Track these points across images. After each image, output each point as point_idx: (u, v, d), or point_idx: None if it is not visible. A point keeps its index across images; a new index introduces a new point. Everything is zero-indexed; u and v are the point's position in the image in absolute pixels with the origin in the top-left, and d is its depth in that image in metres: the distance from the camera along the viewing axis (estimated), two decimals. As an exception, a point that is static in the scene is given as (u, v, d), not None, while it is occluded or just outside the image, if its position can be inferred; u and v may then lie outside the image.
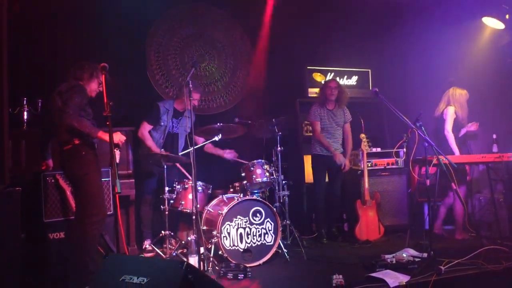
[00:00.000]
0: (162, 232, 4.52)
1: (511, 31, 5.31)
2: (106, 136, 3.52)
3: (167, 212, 4.49)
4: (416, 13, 5.81)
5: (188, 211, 4.52)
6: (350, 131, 5.36)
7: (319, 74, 6.14)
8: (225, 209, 4.21)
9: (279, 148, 4.89)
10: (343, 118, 5.33)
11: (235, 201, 4.27)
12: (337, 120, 5.28)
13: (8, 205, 2.79)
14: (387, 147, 5.92)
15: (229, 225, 4.25)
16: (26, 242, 3.92)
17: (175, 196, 4.59)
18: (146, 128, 4.83)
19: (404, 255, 4.12)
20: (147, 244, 4.86)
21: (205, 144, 4.99)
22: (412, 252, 4.31)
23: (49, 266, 3.97)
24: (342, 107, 5.32)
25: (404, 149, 5.61)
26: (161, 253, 4.57)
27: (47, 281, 3.92)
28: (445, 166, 4.11)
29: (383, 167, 5.58)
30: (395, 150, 5.55)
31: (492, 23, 5.31)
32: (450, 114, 4.95)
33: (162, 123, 4.86)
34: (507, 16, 5.10)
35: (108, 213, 3.84)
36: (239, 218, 4.29)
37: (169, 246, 4.58)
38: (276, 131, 4.90)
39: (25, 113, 4.68)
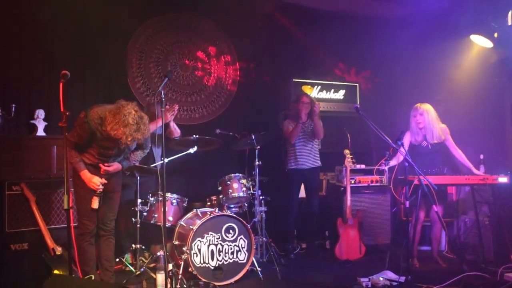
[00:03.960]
0: (133, 245, 4.37)
1: (499, 50, 5.19)
2: (85, 178, 3.49)
3: (138, 225, 4.35)
4: (404, 29, 5.71)
5: (161, 224, 4.37)
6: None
7: (309, 86, 6.02)
8: (196, 225, 4.05)
9: (257, 163, 4.74)
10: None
11: (207, 217, 4.12)
12: (309, 132, 5.21)
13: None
14: (373, 164, 5.75)
15: (200, 241, 4.09)
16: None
17: (147, 208, 4.43)
18: None
19: (381, 278, 3.98)
20: (126, 257, 4.68)
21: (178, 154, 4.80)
22: (391, 275, 4.16)
23: (10, 278, 3.82)
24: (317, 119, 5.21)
25: (386, 167, 5.44)
26: (131, 267, 4.41)
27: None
28: (426, 187, 3.98)
29: (366, 185, 5.43)
30: (376, 168, 5.33)
31: (481, 41, 5.19)
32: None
33: None
34: (495, 35, 4.98)
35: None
36: (210, 234, 4.13)
37: (143, 259, 4.44)
38: (255, 144, 4.75)
39: (-2, 118, 4.56)
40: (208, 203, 4.74)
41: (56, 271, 3.68)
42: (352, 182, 5.28)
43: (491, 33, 5.03)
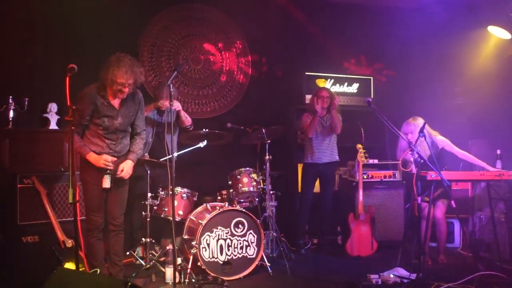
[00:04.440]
0: (143, 239, 4.39)
1: (517, 41, 5.05)
2: (93, 160, 3.49)
3: (148, 219, 4.36)
4: (420, 21, 5.58)
5: (170, 218, 4.37)
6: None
7: (323, 80, 5.93)
8: (205, 219, 4.04)
9: (267, 157, 4.69)
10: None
11: (216, 211, 4.11)
12: (328, 126, 5.13)
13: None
14: (387, 159, 5.68)
15: (209, 236, 4.08)
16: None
17: (158, 202, 4.44)
18: None
19: (392, 275, 3.91)
20: (137, 251, 4.69)
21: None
22: (402, 272, 4.08)
23: (22, 270, 3.86)
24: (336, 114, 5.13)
25: (412, 158, 5.32)
26: (141, 261, 4.43)
27: (19, 285, 3.81)
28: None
29: (379, 180, 5.35)
30: (401, 158, 5.15)
31: (498, 33, 5.04)
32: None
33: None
34: (514, 26, 4.85)
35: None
36: (220, 228, 4.12)
37: (153, 253, 4.45)
38: (265, 139, 4.70)
39: (11, 111, 4.60)
40: (219, 198, 4.73)
41: (66, 264, 3.72)
42: (365, 177, 5.21)
43: (509, 24, 4.87)
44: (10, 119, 4.59)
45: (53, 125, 4.83)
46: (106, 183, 3.48)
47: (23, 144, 4.51)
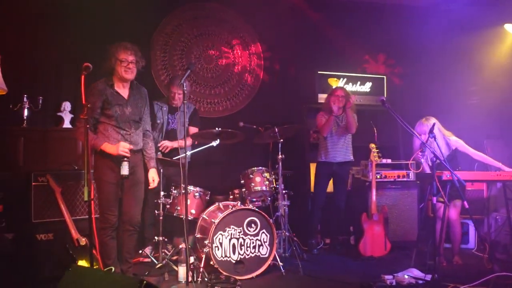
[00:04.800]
0: (156, 237, 4.39)
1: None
2: (110, 149, 3.51)
3: (161, 217, 4.37)
4: (434, 19, 5.52)
5: (183, 217, 4.38)
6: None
7: (334, 79, 5.90)
8: (218, 218, 4.03)
9: (279, 156, 4.67)
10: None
11: (229, 210, 4.09)
12: (343, 126, 5.08)
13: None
14: (400, 158, 5.63)
15: (222, 235, 4.07)
16: (15, 242, 3.87)
17: (170, 201, 4.45)
18: None
19: (406, 276, 3.86)
20: (146, 250, 4.70)
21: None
22: (416, 273, 4.02)
23: (37, 267, 3.89)
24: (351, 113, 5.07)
25: (423, 159, 5.25)
26: (154, 259, 4.44)
27: (34, 282, 3.84)
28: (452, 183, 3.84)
29: (393, 180, 5.29)
30: (411, 159, 5.12)
31: (515, 31, 4.98)
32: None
33: (158, 121, 4.74)
34: (531, 24, 4.77)
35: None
36: (232, 228, 4.10)
37: (165, 251, 4.46)
38: (278, 138, 4.67)
39: (25, 110, 4.64)
40: (231, 197, 4.72)
41: (79, 261, 3.74)
42: (378, 177, 5.15)
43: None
44: (25, 117, 4.64)
45: (66, 124, 4.87)
46: (125, 170, 3.46)
47: (37, 142, 4.55)
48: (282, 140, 4.67)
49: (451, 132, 4.61)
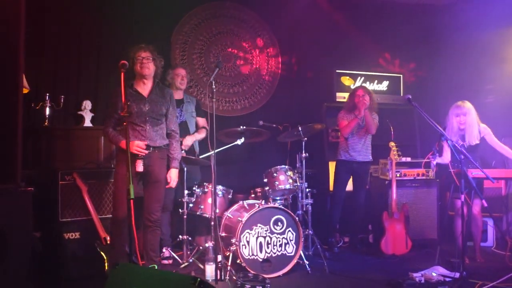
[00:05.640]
0: (180, 236, 4.39)
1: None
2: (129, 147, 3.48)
3: (185, 216, 4.37)
4: (451, 18, 5.53)
5: (207, 216, 4.39)
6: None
7: (347, 78, 5.90)
8: (245, 217, 4.03)
9: (303, 155, 4.67)
10: None
11: (256, 208, 4.09)
12: (363, 126, 5.06)
13: (19, 206, 2.67)
14: (417, 157, 5.64)
15: (249, 233, 4.07)
16: (42, 241, 3.86)
17: (194, 199, 4.45)
18: None
19: (434, 274, 3.87)
20: (165, 251, 4.68)
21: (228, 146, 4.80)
22: (442, 270, 4.05)
23: (64, 265, 3.89)
24: (370, 113, 5.08)
25: (434, 162, 5.28)
26: (178, 258, 4.44)
27: (62, 281, 3.85)
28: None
29: (412, 178, 5.30)
30: (424, 161, 5.17)
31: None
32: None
33: None
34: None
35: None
36: (259, 226, 4.10)
37: (188, 251, 4.46)
38: (302, 136, 4.67)
39: (47, 109, 4.63)
40: (252, 195, 4.72)
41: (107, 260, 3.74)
42: (398, 175, 5.16)
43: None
44: (47, 116, 4.62)
45: (87, 123, 4.85)
46: (140, 167, 3.56)
47: (59, 141, 4.54)
48: (306, 138, 4.68)
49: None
